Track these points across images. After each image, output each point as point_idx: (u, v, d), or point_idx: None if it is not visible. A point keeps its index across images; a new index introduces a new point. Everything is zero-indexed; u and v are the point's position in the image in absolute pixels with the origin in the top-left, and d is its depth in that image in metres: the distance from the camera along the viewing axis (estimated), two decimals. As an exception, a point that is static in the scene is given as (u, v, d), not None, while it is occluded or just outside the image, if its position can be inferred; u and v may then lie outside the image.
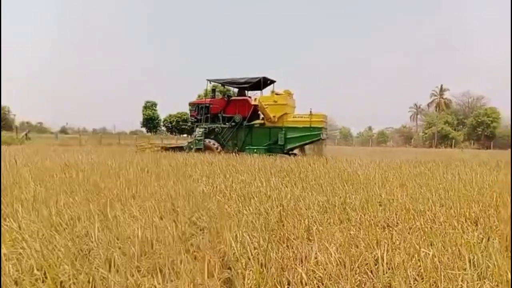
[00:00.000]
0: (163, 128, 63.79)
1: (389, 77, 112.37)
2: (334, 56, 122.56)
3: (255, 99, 15.45)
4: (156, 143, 20.59)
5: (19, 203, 3.70)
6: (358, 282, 2.14)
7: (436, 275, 2.11)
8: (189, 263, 2.28)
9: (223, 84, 16.58)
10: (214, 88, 17.15)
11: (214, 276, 2.15)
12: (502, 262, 2.22)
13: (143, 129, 63.35)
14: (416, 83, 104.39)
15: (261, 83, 15.07)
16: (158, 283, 2.06)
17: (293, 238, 2.88)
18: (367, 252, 2.46)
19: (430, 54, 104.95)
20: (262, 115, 15.01)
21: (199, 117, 15.81)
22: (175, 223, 3.12)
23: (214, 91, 17.07)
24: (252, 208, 3.82)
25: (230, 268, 2.28)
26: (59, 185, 4.97)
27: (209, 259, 2.29)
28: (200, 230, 3.14)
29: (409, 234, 2.97)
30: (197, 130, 15.50)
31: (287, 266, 2.31)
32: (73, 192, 4.54)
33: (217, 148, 14.83)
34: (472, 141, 59.68)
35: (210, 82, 16.02)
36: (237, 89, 16.58)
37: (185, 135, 53.25)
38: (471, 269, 2.17)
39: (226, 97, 16.14)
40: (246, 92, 16.55)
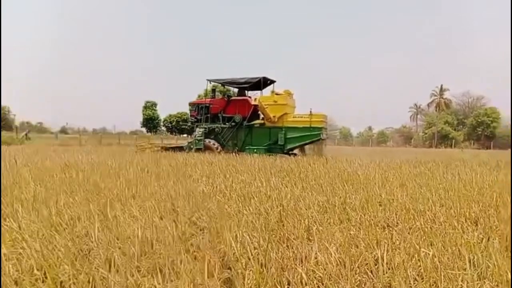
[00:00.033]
0: (163, 128, 63.81)
1: (389, 77, 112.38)
2: (334, 56, 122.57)
3: (255, 99, 15.45)
4: (156, 143, 20.59)
5: (19, 203, 3.71)
6: (358, 282, 2.14)
7: (436, 275, 2.11)
8: (189, 263, 2.28)
9: (223, 84, 16.58)
10: (214, 88, 17.15)
11: (214, 276, 2.15)
12: (502, 262, 2.22)
13: (143, 129, 63.38)
14: (416, 83, 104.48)
15: (261, 83, 15.08)
16: (158, 283, 2.06)
17: (293, 238, 2.88)
18: (367, 252, 2.46)
19: (430, 54, 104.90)
20: (262, 115, 15.01)
21: (199, 117, 15.81)
22: (175, 223, 3.12)
23: (214, 91, 17.08)
24: (252, 208, 3.82)
25: (230, 268, 2.28)
26: (59, 185, 4.97)
27: (209, 259, 2.29)
28: (200, 230, 3.14)
29: (409, 234, 2.97)
30: (197, 130, 15.51)
31: (287, 266, 2.31)
32: (73, 192, 4.54)
33: (217, 148, 14.83)
34: (472, 141, 59.70)
35: (210, 82, 16.03)
36: (237, 89, 16.58)
37: (185, 135, 53.27)
38: (471, 269, 2.17)
39: (226, 97, 16.14)
40: (246, 92, 16.56)
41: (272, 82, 15.71)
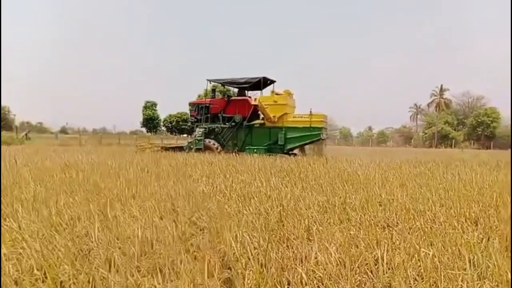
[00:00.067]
0: (163, 128, 63.80)
1: (389, 77, 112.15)
2: (334, 56, 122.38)
3: (255, 99, 15.45)
4: (156, 143, 20.59)
5: (19, 203, 3.71)
6: (358, 282, 2.14)
7: (436, 275, 2.11)
8: (189, 263, 2.28)
9: (223, 84, 16.58)
10: (214, 88, 17.16)
11: (214, 276, 2.15)
12: (502, 262, 2.22)
13: (143, 129, 63.37)
14: (416, 83, 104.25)
15: (261, 83, 15.08)
16: (158, 283, 2.06)
17: (293, 238, 2.88)
18: (367, 252, 2.46)
19: (430, 54, 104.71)
20: (262, 115, 15.02)
21: (199, 117, 15.81)
22: (175, 223, 3.12)
23: (214, 91, 17.09)
24: (252, 208, 3.82)
25: (230, 268, 2.28)
26: (59, 185, 4.97)
27: (209, 259, 2.29)
28: (200, 230, 3.14)
29: (409, 234, 2.97)
30: (197, 130, 15.51)
31: (287, 266, 2.31)
32: (73, 192, 4.54)
33: (217, 148, 14.83)
34: (472, 141, 59.70)
35: (210, 82, 16.03)
36: (237, 89, 16.58)
37: (185, 135, 53.26)
38: (471, 269, 2.17)
39: (226, 97, 16.15)
40: (246, 92, 16.56)
41: (272, 82, 15.71)
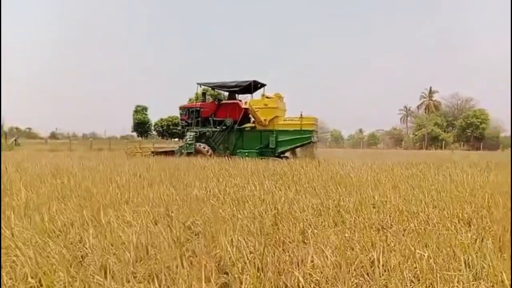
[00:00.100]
0: (154, 133, 63.42)
1: (389, 78, 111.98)
2: (334, 56, 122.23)
3: (246, 103, 15.46)
4: (147, 147, 20.45)
5: (11, 210, 3.66)
6: (355, 285, 2.15)
7: (432, 277, 2.13)
8: (185, 268, 2.27)
9: (214, 88, 16.56)
10: (205, 92, 17.15)
11: (211, 281, 2.14)
12: (497, 263, 2.24)
13: (134, 134, 62.93)
14: (416, 83, 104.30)
15: (252, 87, 15.09)
16: (155, 289, 2.05)
17: (289, 242, 2.88)
18: (363, 255, 2.46)
19: (430, 54, 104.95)
20: (253, 119, 15.04)
21: (190, 121, 15.77)
22: (170, 228, 3.10)
23: (205, 95, 17.07)
24: (247, 212, 3.82)
25: (227, 273, 2.28)
26: (51, 191, 4.92)
27: (205, 264, 2.28)
28: (195, 235, 3.13)
29: (404, 236, 2.99)
30: (188, 134, 15.47)
31: (284, 270, 2.31)
32: (65, 198, 4.50)
33: (208, 151, 14.80)
34: (462, 143, 60.27)
35: (201, 86, 16.00)
36: (228, 93, 16.58)
37: (177, 139, 52.98)
38: (467, 270, 2.19)
39: (217, 101, 16.13)
40: (237, 96, 16.57)
41: (263, 86, 15.73)
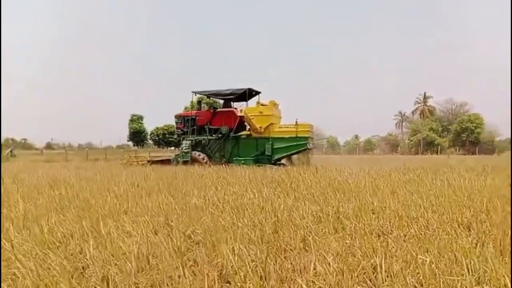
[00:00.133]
0: (150, 141, 63.26)
1: (389, 79, 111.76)
2: (334, 56, 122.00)
3: (241, 111, 15.50)
4: (143, 156, 20.41)
5: (10, 222, 3.63)
6: (359, 291, 2.14)
7: (435, 282, 2.13)
8: (187, 278, 2.26)
9: (209, 96, 16.59)
10: (200, 100, 17.19)
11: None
12: (499, 267, 2.24)
13: (130, 143, 62.75)
14: (416, 83, 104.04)
15: (247, 94, 15.16)
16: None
17: (290, 249, 2.88)
18: (365, 261, 2.46)
19: (430, 54, 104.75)
20: (249, 126, 15.07)
21: (186, 130, 15.77)
22: (170, 238, 3.09)
23: (200, 103, 17.11)
24: (246, 220, 3.81)
25: (229, 282, 2.27)
26: (49, 202, 4.90)
27: (207, 273, 2.27)
28: (196, 244, 3.12)
29: (405, 242, 2.99)
30: (184, 143, 15.47)
31: (287, 278, 2.31)
32: (64, 209, 4.48)
33: (204, 159, 14.78)
34: (457, 147, 60.41)
35: (196, 94, 16.03)
36: (223, 101, 16.61)
37: (173, 148, 52.86)
38: (469, 275, 2.19)
39: (212, 109, 16.17)
40: (232, 104, 16.60)
41: (257, 93, 15.79)
